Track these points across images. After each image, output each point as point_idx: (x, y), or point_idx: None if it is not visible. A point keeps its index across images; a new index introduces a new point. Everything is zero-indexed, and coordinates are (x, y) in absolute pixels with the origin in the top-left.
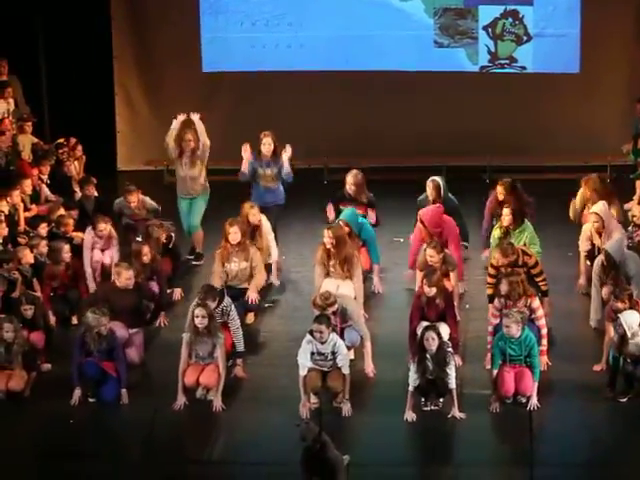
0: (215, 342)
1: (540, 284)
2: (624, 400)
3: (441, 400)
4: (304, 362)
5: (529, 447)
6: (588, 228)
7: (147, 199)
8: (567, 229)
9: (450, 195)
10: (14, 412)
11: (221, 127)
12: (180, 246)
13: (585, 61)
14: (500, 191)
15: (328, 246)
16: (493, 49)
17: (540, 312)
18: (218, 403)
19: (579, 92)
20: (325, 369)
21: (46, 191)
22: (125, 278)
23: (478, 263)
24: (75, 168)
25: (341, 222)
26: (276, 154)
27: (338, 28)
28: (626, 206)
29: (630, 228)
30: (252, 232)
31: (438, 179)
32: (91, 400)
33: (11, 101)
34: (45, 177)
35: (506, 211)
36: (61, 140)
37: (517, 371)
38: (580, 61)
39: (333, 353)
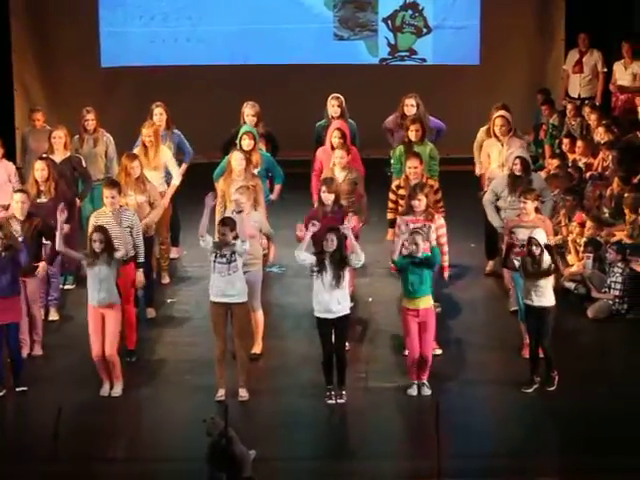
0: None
1: (440, 210)
2: (529, 391)
3: (344, 393)
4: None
5: (435, 439)
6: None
7: None
8: (470, 220)
9: (351, 120)
10: None
11: (120, 122)
12: None
13: (485, 53)
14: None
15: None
16: (393, 41)
17: (444, 230)
18: None
19: (479, 84)
20: (225, 274)
21: None
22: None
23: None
24: None
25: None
26: (169, 126)
27: (238, 22)
28: None
29: None
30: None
31: (341, 96)
32: None
33: None
34: None
35: (417, 126)
36: None
37: (420, 322)
38: (480, 53)
39: (233, 254)
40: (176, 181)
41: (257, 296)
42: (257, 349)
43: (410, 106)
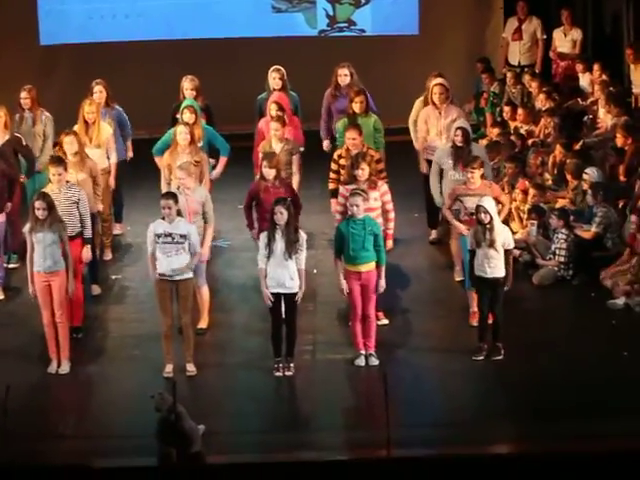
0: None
1: (382, 179)
2: (480, 359)
3: (292, 365)
4: (149, 245)
5: (384, 409)
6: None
7: None
8: (413, 190)
9: (293, 92)
10: None
11: (60, 101)
12: None
13: (424, 22)
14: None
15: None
16: (332, 13)
17: (389, 197)
18: None
19: (419, 53)
20: (172, 254)
21: None
22: None
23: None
24: None
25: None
26: (109, 103)
27: None
28: None
29: None
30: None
31: (282, 68)
32: None
33: None
34: None
35: (361, 97)
36: None
37: (362, 284)
38: (419, 22)
39: (182, 237)
40: (114, 159)
41: (202, 272)
42: (203, 324)
43: (344, 75)
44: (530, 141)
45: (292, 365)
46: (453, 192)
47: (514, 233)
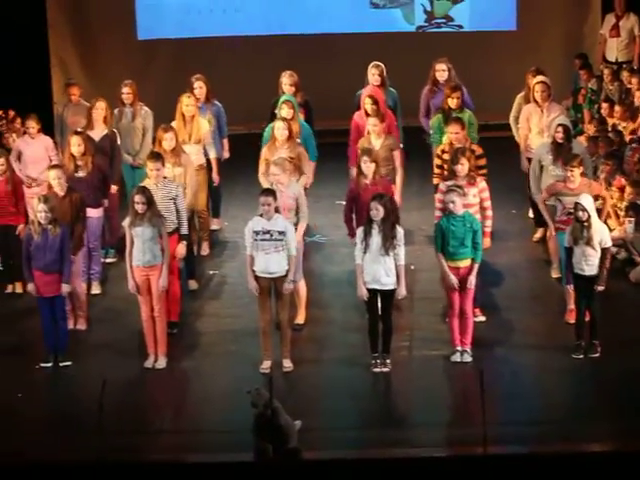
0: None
1: (482, 174)
2: (580, 357)
3: (389, 361)
4: (247, 245)
5: (480, 406)
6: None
7: None
8: (511, 186)
9: (392, 88)
10: None
11: (157, 95)
12: None
13: (522, 18)
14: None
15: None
16: (429, 8)
17: (487, 194)
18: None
19: (517, 49)
20: (270, 252)
21: None
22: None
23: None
24: (14, 141)
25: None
26: (209, 98)
27: None
28: None
29: None
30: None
31: (381, 64)
32: None
33: None
34: None
35: (457, 93)
36: None
37: (460, 279)
38: (517, 18)
39: (280, 233)
40: (213, 155)
41: (299, 268)
42: (300, 319)
43: (441, 71)
44: (628, 138)
45: (388, 361)
46: (552, 187)
47: (611, 230)
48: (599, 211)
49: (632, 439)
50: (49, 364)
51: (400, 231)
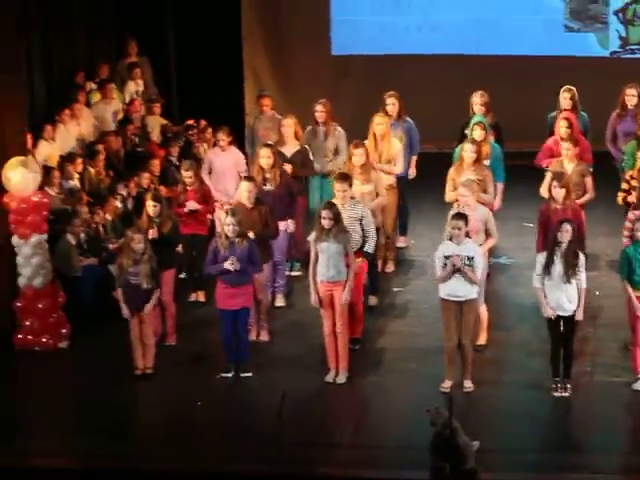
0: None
1: None
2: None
3: (569, 386)
4: (437, 270)
5: None
6: None
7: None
8: None
9: (583, 112)
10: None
11: (349, 111)
12: None
13: None
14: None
15: None
16: (624, 34)
17: None
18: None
19: None
20: (459, 276)
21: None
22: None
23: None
24: (205, 150)
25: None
26: (401, 115)
27: (468, 11)
28: None
29: None
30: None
31: (574, 88)
32: None
33: (140, 82)
34: (174, 159)
35: None
36: (191, 122)
37: None
38: None
39: (470, 259)
40: (398, 170)
41: (481, 291)
42: (482, 340)
43: (631, 96)
44: None
45: (569, 386)
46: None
47: None
48: None
49: None
50: (229, 374)
51: (582, 257)
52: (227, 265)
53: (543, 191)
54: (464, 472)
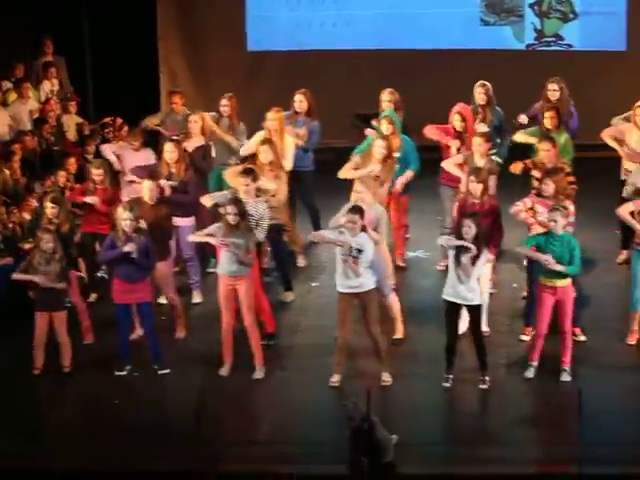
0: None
1: (569, 195)
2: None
3: (487, 378)
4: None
5: (578, 426)
6: None
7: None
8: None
9: (498, 107)
10: (58, 385)
11: (265, 106)
12: None
13: (632, 39)
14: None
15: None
16: (539, 27)
17: (573, 218)
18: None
19: (627, 70)
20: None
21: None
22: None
23: None
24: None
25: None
26: (310, 114)
27: (384, 6)
28: None
29: None
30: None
31: (488, 83)
32: None
33: (55, 81)
34: (90, 157)
35: (551, 113)
36: (107, 120)
37: (557, 300)
38: (627, 39)
39: (359, 251)
40: (288, 166)
41: (385, 282)
42: (399, 334)
43: (553, 90)
44: None
45: (487, 378)
46: None
47: None
48: None
49: None
50: (124, 372)
51: (485, 253)
52: (127, 248)
53: (444, 164)
54: (383, 466)
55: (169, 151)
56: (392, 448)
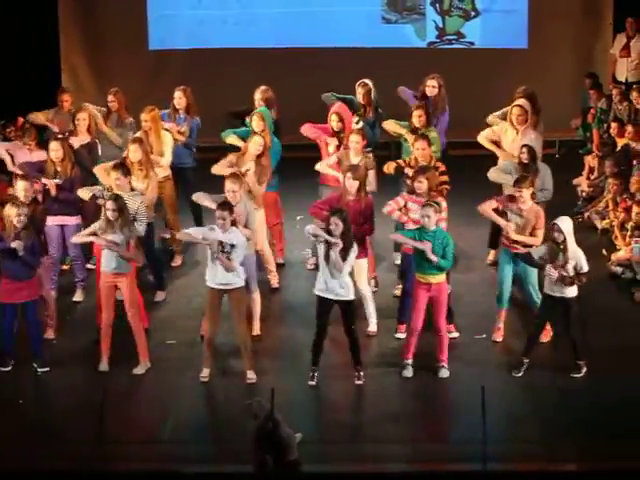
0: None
1: (442, 192)
2: (519, 375)
3: (362, 374)
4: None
5: (482, 423)
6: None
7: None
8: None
9: (380, 110)
10: None
11: (166, 104)
12: None
13: (533, 36)
14: (431, 84)
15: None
16: (441, 25)
17: (445, 214)
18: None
19: (527, 67)
20: (217, 262)
21: None
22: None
23: None
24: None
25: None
26: (189, 111)
27: (286, 4)
28: (575, 181)
29: (579, 203)
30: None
31: (369, 82)
32: None
33: None
34: None
35: (420, 112)
36: (7, 121)
37: (432, 296)
38: (528, 36)
39: (231, 246)
40: (165, 163)
41: (253, 279)
42: (256, 330)
43: (432, 87)
44: (635, 160)
45: (362, 373)
46: (507, 198)
47: (617, 251)
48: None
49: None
50: (7, 368)
51: (354, 248)
52: (14, 244)
53: (319, 166)
54: (287, 464)
55: (54, 149)
56: (296, 446)
